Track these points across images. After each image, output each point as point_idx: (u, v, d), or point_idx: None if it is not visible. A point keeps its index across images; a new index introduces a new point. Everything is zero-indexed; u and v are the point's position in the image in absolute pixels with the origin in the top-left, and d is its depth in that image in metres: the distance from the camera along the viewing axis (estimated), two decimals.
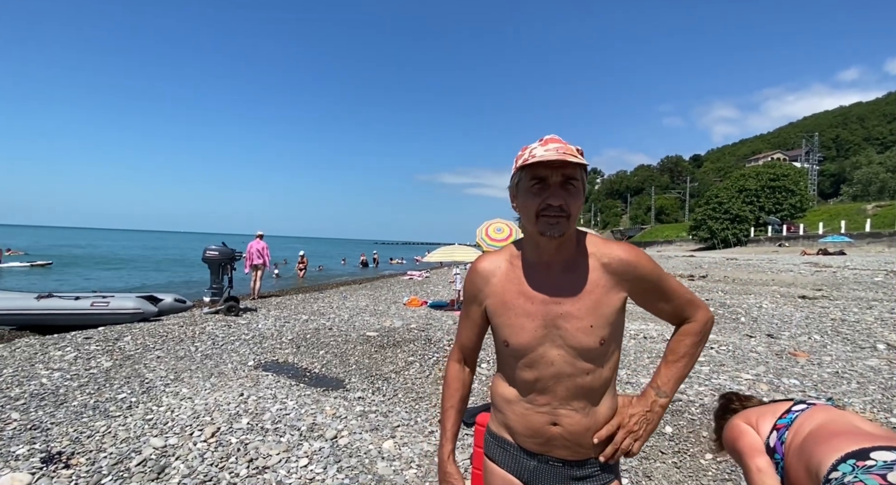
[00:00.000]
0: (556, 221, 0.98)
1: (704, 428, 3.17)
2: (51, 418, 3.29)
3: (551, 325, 1.04)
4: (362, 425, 3.31)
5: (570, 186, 0.98)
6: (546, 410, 1.07)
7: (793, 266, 16.28)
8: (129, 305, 7.12)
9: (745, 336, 5.92)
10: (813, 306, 7.86)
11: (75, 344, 5.47)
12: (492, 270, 1.13)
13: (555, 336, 1.04)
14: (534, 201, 0.99)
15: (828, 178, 73.71)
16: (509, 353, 1.10)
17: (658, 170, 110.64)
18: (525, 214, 1.03)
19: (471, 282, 1.17)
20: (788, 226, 42.71)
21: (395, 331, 6.51)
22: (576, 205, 0.99)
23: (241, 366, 4.77)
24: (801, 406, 1.31)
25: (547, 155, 0.94)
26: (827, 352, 5.07)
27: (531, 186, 1.00)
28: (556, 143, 0.99)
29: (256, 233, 11.11)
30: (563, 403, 1.05)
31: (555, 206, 0.97)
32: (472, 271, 1.17)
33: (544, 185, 0.98)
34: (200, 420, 3.29)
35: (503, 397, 1.14)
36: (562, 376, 1.04)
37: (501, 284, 1.10)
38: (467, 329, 1.21)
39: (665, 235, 67.07)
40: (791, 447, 1.20)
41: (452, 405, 1.23)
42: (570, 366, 1.03)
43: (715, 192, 50.06)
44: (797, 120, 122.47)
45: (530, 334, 1.05)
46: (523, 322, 1.06)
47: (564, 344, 1.03)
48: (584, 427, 1.07)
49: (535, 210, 0.99)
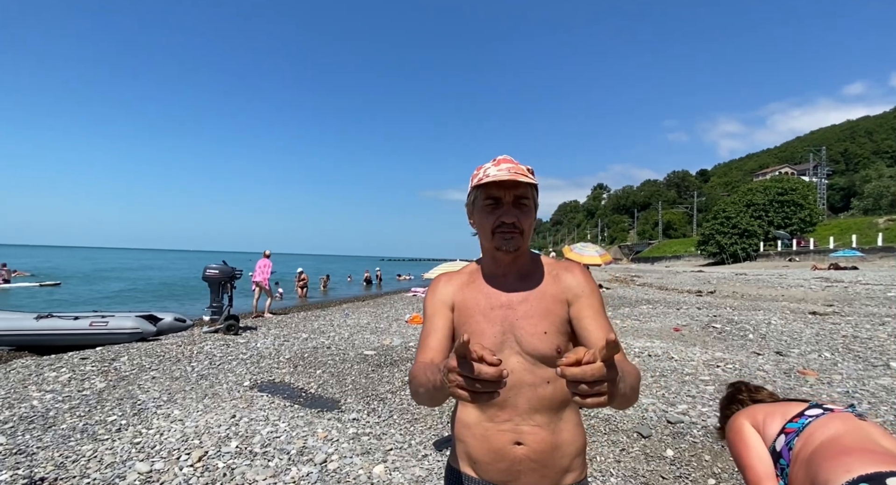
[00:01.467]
0: (511, 236, 1.04)
1: (707, 452, 3.04)
2: (37, 442, 3.23)
3: (509, 330, 1.05)
4: (353, 448, 3.22)
5: (522, 205, 1.04)
6: (508, 427, 1.03)
7: (803, 281, 16.00)
8: (128, 325, 7.10)
9: (752, 354, 5.76)
10: (823, 323, 7.67)
11: (71, 365, 5.44)
12: (454, 284, 1.16)
13: (512, 342, 1.05)
14: (489, 219, 1.05)
15: (837, 192, 73.13)
16: None
17: (665, 185, 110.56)
18: (481, 230, 1.09)
19: (434, 292, 1.17)
20: (798, 240, 42.21)
21: (393, 349, 6.42)
22: (528, 221, 1.05)
23: (237, 386, 4.70)
24: (816, 411, 1.21)
25: (499, 175, 0.99)
26: (837, 370, 4.90)
27: (486, 205, 1.05)
28: (508, 163, 1.05)
29: (264, 252, 11.29)
30: (525, 417, 1.03)
31: (508, 223, 1.03)
32: (433, 285, 1.19)
33: (498, 203, 1.04)
34: (189, 444, 3.22)
35: (462, 422, 1.10)
36: (522, 385, 1.02)
37: (463, 294, 1.13)
38: (432, 338, 1.09)
39: (673, 250, 66.56)
40: (798, 457, 1.11)
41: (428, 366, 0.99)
42: (530, 373, 1.03)
43: (722, 206, 49.78)
44: (804, 134, 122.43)
45: (490, 340, 1.05)
46: (483, 327, 1.07)
47: (521, 350, 1.04)
48: (550, 445, 1.03)
49: (491, 227, 1.05)
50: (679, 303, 11.63)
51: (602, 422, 3.59)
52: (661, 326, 8.07)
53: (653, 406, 3.89)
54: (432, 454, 3.13)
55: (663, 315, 9.45)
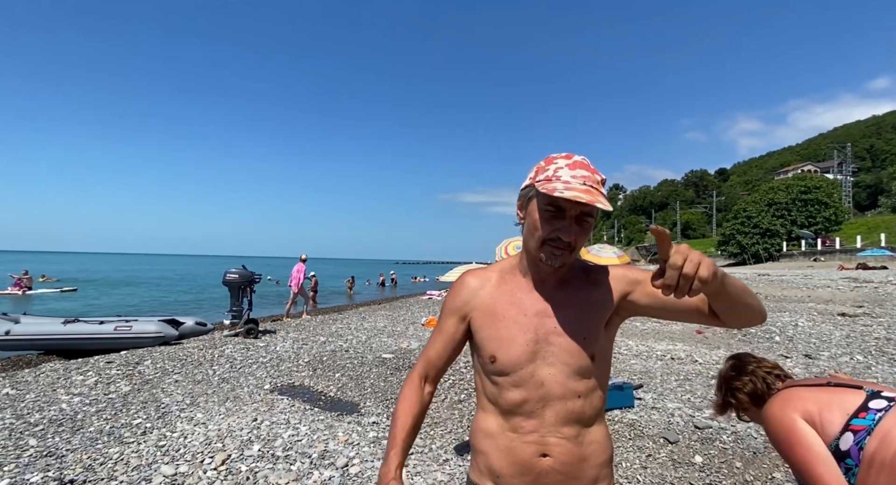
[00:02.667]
0: (561, 253, 0.95)
1: (738, 458, 2.95)
2: (67, 445, 3.30)
3: (543, 340, 0.99)
4: (374, 452, 3.20)
5: (585, 222, 0.95)
6: (533, 438, 0.98)
7: (830, 282, 15.53)
8: (151, 329, 7.24)
9: (780, 357, 5.59)
10: (854, 324, 7.42)
11: (97, 369, 5.55)
12: (480, 283, 1.09)
13: (546, 353, 0.98)
14: (544, 228, 0.95)
15: (863, 189, 70.93)
16: (495, 370, 1.01)
17: (682, 184, 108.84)
18: (531, 234, 0.98)
19: (455, 294, 1.10)
20: (823, 240, 41.04)
21: (412, 353, 6.41)
22: (584, 239, 0.97)
23: (257, 390, 4.74)
24: (880, 403, 1.08)
25: (575, 191, 0.88)
26: (871, 374, 4.72)
27: (546, 211, 0.94)
28: (585, 170, 0.93)
29: (300, 256, 11.53)
30: (552, 429, 0.97)
31: (565, 241, 0.94)
32: (458, 283, 1.11)
33: (560, 214, 0.93)
34: (212, 447, 3.24)
35: (485, 431, 1.04)
36: (551, 397, 0.97)
37: (491, 296, 1.06)
38: (439, 344, 1.11)
39: None
40: (876, 460, 1.00)
41: (405, 422, 1.05)
42: (561, 386, 0.97)
43: (743, 205, 48.72)
44: (827, 131, 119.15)
45: (521, 349, 0.98)
46: (514, 334, 1.00)
47: (557, 361, 0.98)
48: (577, 457, 0.98)
49: (544, 237, 0.95)
50: None
51: (627, 427, 3.51)
52: (684, 329, 7.90)
53: (679, 411, 3.79)
54: (454, 459, 3.10)
55: None
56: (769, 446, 3.09)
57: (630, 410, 3.85)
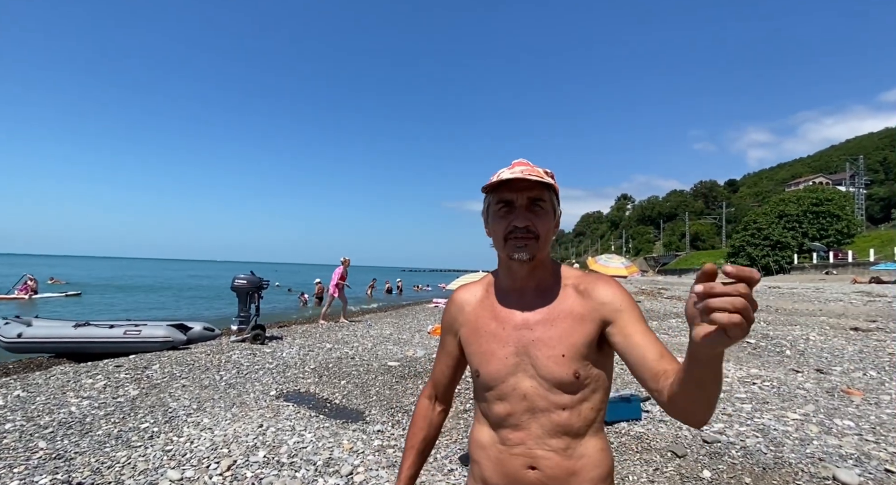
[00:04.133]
0: (524, 243, 0.96)
1: (747, 474, 2.90)
2: (75, 448, 3.33)
3: (523, 352, 0.98)
4: (379, 461, 3.20)
5: (538, 207, 0.97)
6: (521, 450, 0.98)
7: (842, 295, 15.29)
8: (160, 334, 7.30)
9: (790, 371, 5.51)
10: (867, 339, 7.29)
11: (106, 372, 5.61)
12: (467, 298, 1.11)
13: (527, 365, 0.98)
14: (501, 224, 0.98)
15: (877, 202, 70.06)
16: (481, 384, 1.04)
17: (691, 195, 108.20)
18: (495, 238, 1.02)
19: (447, 311, 1.14)
20: (835, 253, 40.50)
21: (417, 361, 6.40)
22: (544, 226, 0.97)
23: (263, 395, 4.75)
24: None
25: (511, 176, 0.94)
26: (885, 390, 4.63)
27: (498, 209, 0.99)
28: (523, 165, 0.99)
29: (341, 259, 11.62)
30: (538, 441, 0.97)
31: (521, 227, 0.95)
32: (449, 301, 1.14)
33: (511, 207, 0.98)
34: (218, 452, 3.26)
35: (478, 442, 1.07)
36: (535, 410, 0.97)
37: (475, 312, 1.07)
38: (442, 362, 1.16)
39: (701, 262, 64.51)
40: None
41: (413, 445, 1.14)
42: (544, 400, 0.96)
43: (753, 217, 48.35)
44: (839, 143, 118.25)
45: (501, 362, 0.99)
46: (494, 348, 1.01)
47: (536, 374, 0.97)
48: (565, 471, 0.96)
49: (503, 233, 0.98)
50: None
51: (634, 440, 3.47)
52: None
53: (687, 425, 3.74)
54: (458, 468, 3.08)
55: None
56: (779, 461, 3.04)
57: (637, 422, 3.81)
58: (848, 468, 2.91)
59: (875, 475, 2.84)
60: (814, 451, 3.20)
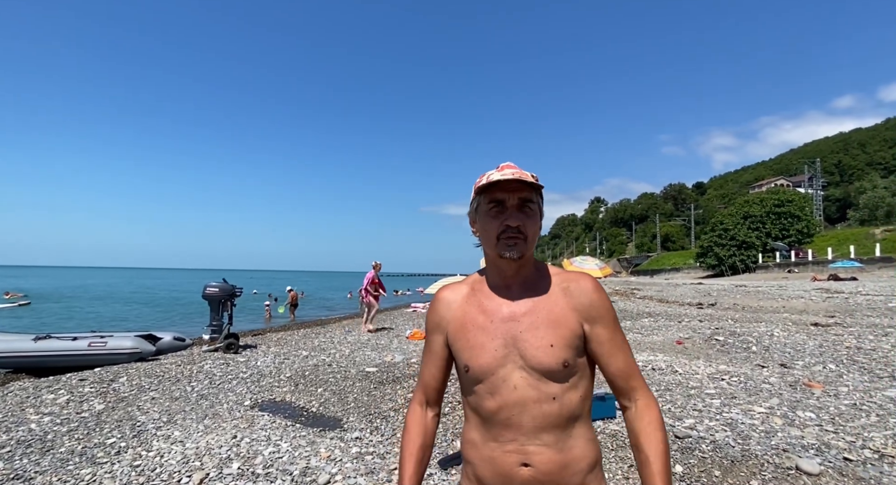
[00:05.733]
0: (515, 242, 0.99)
1: (717, 467, 3.00)
2: (35, 467, 3.18)
3: (511, 344, 1.01)
4: (357, 468, 3.17)
5: (527, 208, 1.01)
6: (513, 447, 1.00)
7: (803, 292, 15.98)
8: (127, 345, 7.04)
9: (756, 366, 5.73)
10: (826, 334, 7.64)
11: (69, 387, 5.37)
12: (453, 297, 1.12)
13: (515, 356, 1.00)
14: (492, 224, 1.01)
15: (833, 203, 73.61)
16: (470, 379, 1.05)
17: (662, 198, 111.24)
18: (485, 236, 1.05)
19: (433, 310, 1.14)
20: (797, 252, 42.33)
21: (395, 366, 6.36)
22: (533, 227, 1.01)
23: (237, 406, 4.64)
24: None
25: (504, 177, 0.97)
26: (843, 382, 4.87)
27: (489, 209, 1.02)
28: (512, 168, 1.02)
29: (373, 263, 11.14)
30: (531, 437, 0.99)
31: (513, 227, 0.99)
32: (434, 300, 1.15)
33: (502, 207, 1.01)
34: (190, 465, 3.16)
35: (470, 441, 1.07)
36: (526, 402, 0.99)
37: (462, 308, 1.09)
38: (430, 365, 1.15)
39: (672, 262, 66.55)
40: None
41: (412, 454, 1.12)
42: (535, 390, 0.99)
43: (720, 218, 50.02)
44: (798, 146, 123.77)
45: (490, 355, 1.01)
46: (483, 341, 1.03)
47: (525, 365, 0.99)
48: (558, 465, 0.99)
49: (495, 233, 1.01)
50: (680, 316, 11.59)
51: (609, 438, 3.55)
52: (664, 340, 8.03)
53: None
54: (437, 473, 3.08)
55: (665, 328, 9.42)
56: (746, 454, 3.16)
57: (612, 420, 3.89)
58: (809, 458, 3.04)
59: (835, 464, 2.98)
60: (778, 442, 3.33)
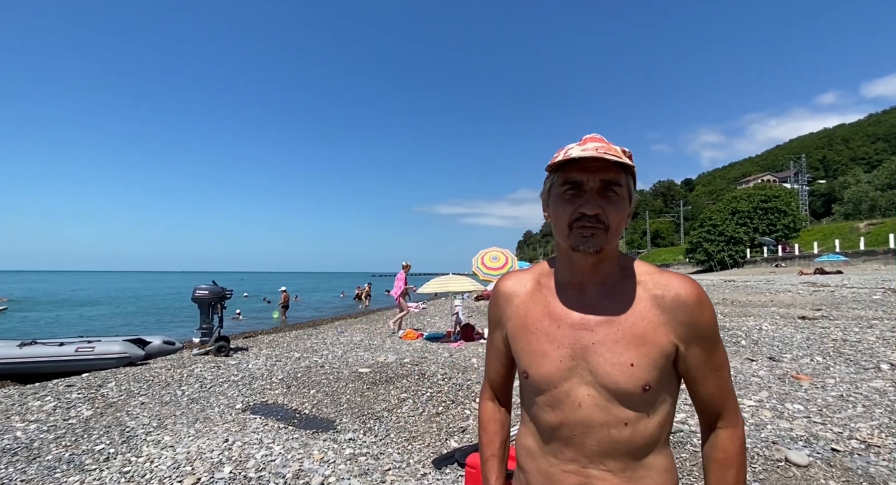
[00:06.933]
0: (592, 232, 0.82)
1: None
2: (21, 476, 3.12)
3: (580, 356, 0.85)
4: (351, 469, 3.15)
5: (611, 192, 0.82)
6: (573, 468, 0.86)
7: (791, 286, 16.21)
8: (116, 350, 6.94)
9: (746, 360, 5.80)
10: (813, 327, 7.76)
11: (56, 393, 5.28)
12: (515, 289, 0.97)
13: (584, 370, 0.85)
14: (566, 210, 0.84)
15: (818, 198, 74.70)
16: (529, 387, 0.92)
17: (651, 194, 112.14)
18: (556, 224, 0.87)
19: (494, 304, 1.01)
20: (783, 246, 42.91)
21: (389, 366, 6.34)
22: (616, 215, 0.83)
23: (229, 409, 4.59)
24: None
25: (583, 154, 0.79)
26: (830, 374, 4.95)
27: (563, 192, 0.84)
28: (597, 142, 0.83)
29: (403, 264, 10.86)
30: (594, 460, 0.85)
31: (590, 215, 0.81)
32: (495, 292, 1.02)
33: (579, 191, 0.83)
34: (181, 471, 3.13)
35: (526, 448, 0.95)
36: (592, 423, 0.84)
37: (525, 305, 0.94)
38: (494, 361, 1.06)
39: (662, 258, 67.16)
40: None
41: (493, 453, 1.04)
42: (603, 412, 0.83)
43: (708, 214, 50.56)
44: (783, 142, 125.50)
45: (554, 365, 0.86)
46: (546, 348, 0.87)
47: (595, 382, 0.84)
48: None
49: (568, 220, 0.83)
50: None
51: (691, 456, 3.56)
52: None
53: None
54: (431, 473, 3.08)
55: None
56: None
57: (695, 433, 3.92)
58: (798, 450, 3.09)
59: (823, 455, 3.02)
60: (767, 435, 3.37)
